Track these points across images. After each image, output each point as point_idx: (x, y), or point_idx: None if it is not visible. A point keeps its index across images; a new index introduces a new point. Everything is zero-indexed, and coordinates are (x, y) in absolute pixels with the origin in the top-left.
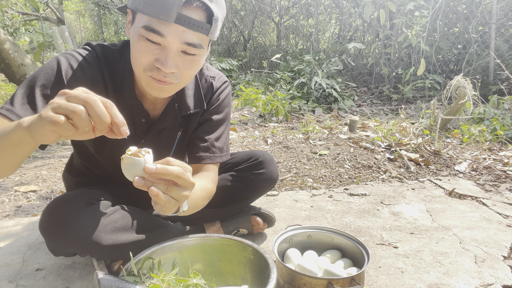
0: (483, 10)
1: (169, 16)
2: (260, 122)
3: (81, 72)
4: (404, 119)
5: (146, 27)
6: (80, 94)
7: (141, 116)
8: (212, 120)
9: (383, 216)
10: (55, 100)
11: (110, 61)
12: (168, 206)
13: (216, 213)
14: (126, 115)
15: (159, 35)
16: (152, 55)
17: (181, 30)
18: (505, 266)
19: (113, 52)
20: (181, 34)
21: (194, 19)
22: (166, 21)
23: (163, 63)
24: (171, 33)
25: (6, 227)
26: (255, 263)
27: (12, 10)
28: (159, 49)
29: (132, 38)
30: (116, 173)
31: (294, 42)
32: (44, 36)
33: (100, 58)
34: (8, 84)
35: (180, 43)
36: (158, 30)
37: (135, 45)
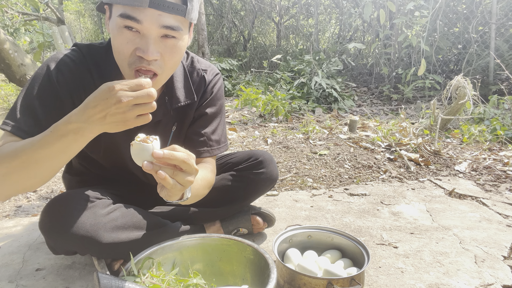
0: (483, 10)
1: (142, 1)
2: (260, 122)
3: (70, 75)
4: (404, 119)
5: (121, 15)
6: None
7: None
8: (207, 114)
9: (383, 216)
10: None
11: (97, 60)
12: (174, 191)
13: (216, 212)
14: None
15: (136, 21)
16: (132, 45)
17: (156, 14)
18: (505, 266)
19: (100, 50)
20: (157, 18)
21: (168, 1)
22: (140, 7)
23: (144, 51)
24: (147, 18)
25: (6, 227)
26: (255, 263)
27: (12, 10)
28: (139, 38)
29: (112, 32)
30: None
31: (294, 42)
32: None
33: (87, 58)
34: (8, 84)
35: (158, 28)
36: (134, 16)
37: (115, 38)
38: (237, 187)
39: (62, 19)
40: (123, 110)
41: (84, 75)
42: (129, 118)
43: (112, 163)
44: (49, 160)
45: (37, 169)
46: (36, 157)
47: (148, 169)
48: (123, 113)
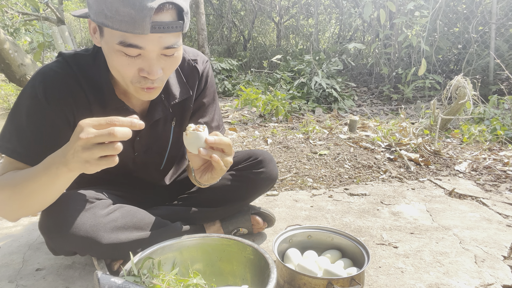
0: (483, 10)
1: (143, 28)
2: (260, 122)
3: (58, 90)
4: (404, 119)
5: (122, 43)
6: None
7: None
8: (204, 104)
9: (383, 216)
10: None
11: (84, 68)
12: (220, 172)
13: (216, 212)
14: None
15: (138, 48)
16: (134, 66)
17: (157, 37)
18: (505, 266)
19: (86, 58)
20: (159, 40)
21: (167, 22)
22: (142, 34)
23: (149, 72)
24: (149, 43)
25: (6, 227)
26: (255, 263)
27: (12, 10)
28: (140, 59)
29: (107, 51)
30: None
31: (294, 42)
32: (44, 36)
33: (73, 67)
34: (8, 84)
35: (160, 49)
36: (136, 44)
37: (114, 60)
38: (237, 186)
39: (62, 19)
40: (82, 149)
41: (71, 84)
42: (89, 159)
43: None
44: (40, 192)
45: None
46: (28, 189)
47: (205, 154)
48: (82, 152)
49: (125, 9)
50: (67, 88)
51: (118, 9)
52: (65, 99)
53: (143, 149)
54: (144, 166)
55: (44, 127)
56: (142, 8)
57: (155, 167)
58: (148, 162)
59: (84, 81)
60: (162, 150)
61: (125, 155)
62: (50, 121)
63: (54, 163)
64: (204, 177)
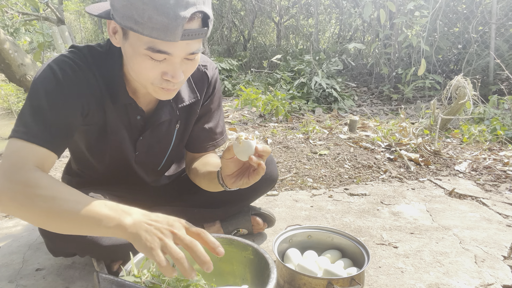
0: (483, 10)
1: (175, 36)
2: (260, 122)
3: (75, 77)
4: (404, 119)
5: (151, 49)
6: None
7: (136, 114)
8: (211, 109)
9: (383, 216)
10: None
11: (98, 62)
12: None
13: (216, 213)
14: (121, 114)
15: (166, 54)
16: (158, 70)
17: (185, 44)
18: (505, 266)
19: (100, 53)
20: (186, 47)
21: (195, 30)
22: (172, 41)
23: (173, 76)
24: (177, 50)
25: (6, 227)
26: (255, 263)
27: (12, 10)
28: (165, 63)
29: (131, 54)
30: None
31: (294, 42)
32: (44, 36)
33: (88, 60)
34: (8, 84)
35: (185, 55)
36: (165, 51)
37: (138, 63)
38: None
39: (62, 19)
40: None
41: (87, 75)
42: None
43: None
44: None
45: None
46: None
47: (255, 162)
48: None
49: (158, 17)
50: (84, 78)
51: (151, 16)
52: (83, 88)
53: (144, 149)
54: (143, 166)
55: (64, 113)
56: (175, 17)
57: (153, 167)
58: (147, 162)
59: (98, 75)
60: (163, 151)
61: (127, 153)
62: (69, 108)
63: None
64: (238, 183)
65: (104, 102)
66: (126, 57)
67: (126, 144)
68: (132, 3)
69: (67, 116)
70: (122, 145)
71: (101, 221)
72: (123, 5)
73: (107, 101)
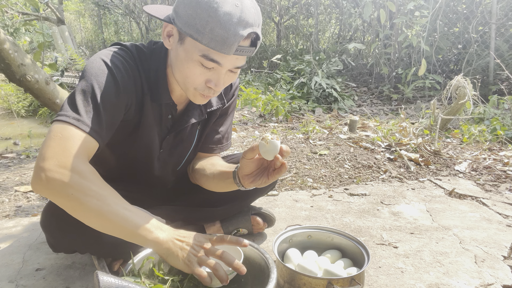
0: (483, 10)
1: (230, 50)
2: (260, 122)
3: (126, 74)
4: (404, 119)
5: (205, 57)
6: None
7: (168, 113)
8: (227, 113)
9: (383, 216)
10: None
11: (143, 61)
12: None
13: (216, 213)
14: (155, 112)
15: (217, 64)
16: (204, 77)
17: (235, 58)
18: (505, 266)
19: (145, 53)
20: (235, 61)
21: (246, 47)
22: (226, 54)
23: (216, 85)
24: (227, 62)
25: (6, 227)
26: (255, 263)
27: (12, 10)
28: (212, 71)
29: (183, 58)
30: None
31: (294, 42)
32: (44, 36)
33: (135, 58)
34: (8, 84)
35: (232, 67)
36: (217, 61)
37: (188, 67)
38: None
39: (62, 19)
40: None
41: (134, 72)
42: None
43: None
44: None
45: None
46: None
47: (281, 161)
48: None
49: (220, 31)
50: (132, 75)
51: (213, 28)
52: (130, 84)
53: (168, 147)
54: (164, 165)
55: (114, 107)
56: (235, 34)
57: (173, 167)
58: (168, 161)
59: (143, 74)
60: (184, 151)
61: (152, 150)
62: (119, 102)
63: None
64: (257, 182)
65: (144, 99)
66: (176, 60)
67: (154, 141)
68: (198, 14)
69: (116, 111)
70: (150, 142)
71: (142, 231)
72: (188, 14)
73: (146, 98)
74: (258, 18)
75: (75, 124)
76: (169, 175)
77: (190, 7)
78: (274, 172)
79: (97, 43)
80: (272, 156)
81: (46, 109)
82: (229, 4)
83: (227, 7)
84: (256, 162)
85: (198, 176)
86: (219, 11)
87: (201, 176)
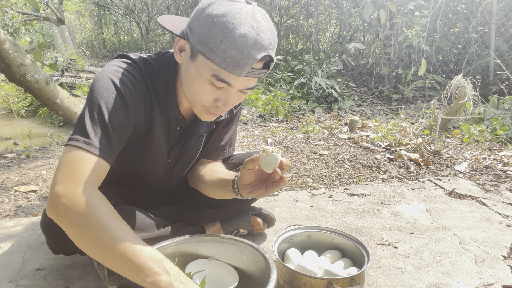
0: (483, 10)
1: (242, 72)
2: (260, 122)
3: (135, 91)
4: (404, 119)
5: (216, 77)
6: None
7: (177, 124)
8: (233, 121)
9: (383, 216)
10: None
11: (151, 75)
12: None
13: (216, 213)
14: (164, 124)
15: (227, 84)
16: (213, 95)
17: (246, 79)
18: (505, 266)
19: (153, 65)
20: (246, 82)
21: (258, 70)
22: (237, 76)
23: (225, 104)
24: (238, 83)
25: (6, 227)
26: (255, 263)
27: (12, 10)
28: (221, 91)
29: (193, 75)
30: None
31: (294, 42)
32: (44, 36)
33: (143, 74)
34: (8, 84)
35: (243, 88)
36: (228, 81)
37: (197, 85)
38: None
39: (62, 19)
40: None
41: (143, 89)
42: None
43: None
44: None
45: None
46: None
47: (280, 175)
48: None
49: (233, 52)
50: (141, 92)
51: (226, 49)
52: (139, 102)
53: (175, 157)
54: (169, 172)
55: (123, 127)
56: (249, 56)
57: (178, 175)
58: (175, 169)
59: (152, 89)
60: (190, 159)
61: (160, 161)
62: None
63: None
64: (255, 193)
65: (153, 114)
66: (186, 76)
67: (162, 152)
68: (213, 33)
69: (125, 130)
70: (158, 153)
71: (141, 271)
72: (202, 31)
73: (156, 113)
74: (273, 41)
75: (85, 148)
76: (173, 181)
77: (205, 25)
78: (273, 185)
79: (97, 43)
80: (272, 169)
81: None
82: (245, 26)
83: (243, 29)
84: (256, 173)
85: (197, 182)
86: (235, 32)
87: (200, 183)
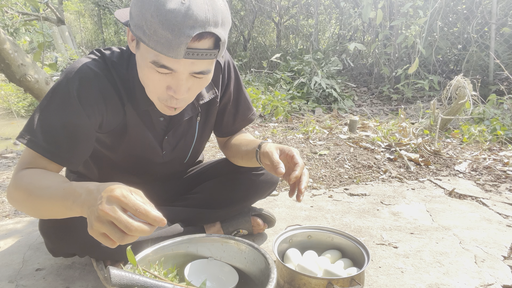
0: (483, 10)
1: (177, 54)
2: (260, 122)
3: (91, 89)
4: (404, 119)
5: (155, 63)
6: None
7: (158, 116)
8: (232, 96)
9: (383, 216)
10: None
11: (119, 67)
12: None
13: (216, 213)
14: (143, 117)
15: (169, 70)
16: (164, 83)
17: (190, 62)
18: (505, 266)
19: (121, 59)
20: (190, 66)
21: (202, 50)
22: (174, 58)
23: (175, 91)
24: (180, 67)
25: (6, 227)
26: (255, 263)
27: (12, 10)
28: (170, 77)
29: (141, 64)
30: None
31: (294, 42)
32: (44, 36)
33: (109, 65)
34: (8, 84)
35: (190, 73)
36: (168, 66)
37: (145, 74)
38: (237, 188)
39: (62, 19)
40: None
41: (107, 86)
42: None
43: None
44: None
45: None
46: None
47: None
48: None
49: (163, 32)
50: (103, 90)
51: (156, 30)
52: (98, 102)
53: (170, 147)
54: (170, 162)
55: (72, 126)
56: (180, 34)
57: (180, 161)
58: (174, 158)
59: (119, 82)
60: (188, 146)
61: (154, 154)
62: (79, 121)
63: (73, 197)
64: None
65: (126, 109)
66: (138, 67)
67: (152, 145)
68: (143, 13)
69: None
70: (148, 147)
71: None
72: (136, 14)
73: (128, 108)
74: (213, 16)
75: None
76: (178, 167)
77: (138, 7)
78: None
79: (97, 43)
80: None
81: None
82: (174, 1)
83: (171, 5)
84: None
85: (231, 157)
86: (161, 9)
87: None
